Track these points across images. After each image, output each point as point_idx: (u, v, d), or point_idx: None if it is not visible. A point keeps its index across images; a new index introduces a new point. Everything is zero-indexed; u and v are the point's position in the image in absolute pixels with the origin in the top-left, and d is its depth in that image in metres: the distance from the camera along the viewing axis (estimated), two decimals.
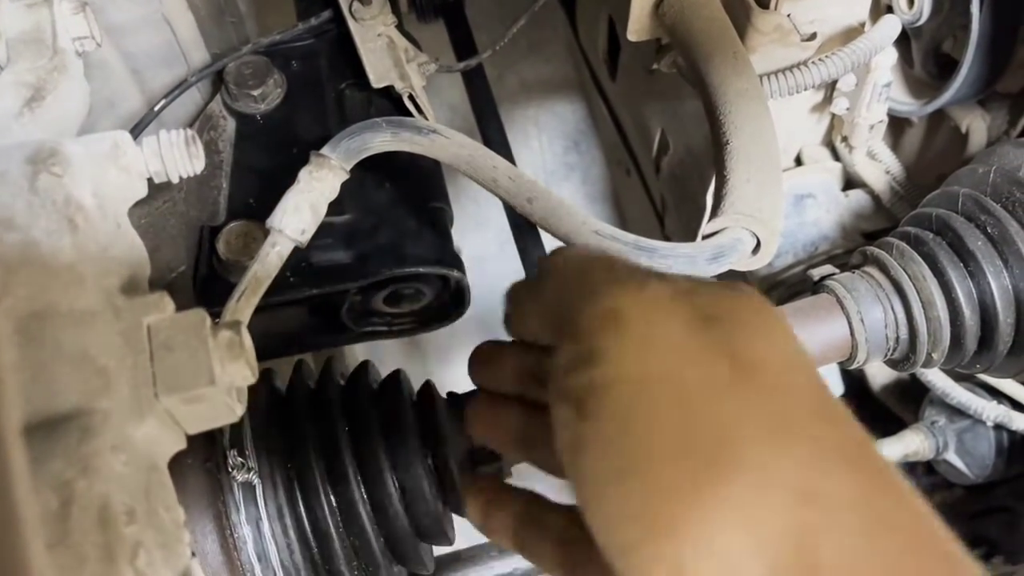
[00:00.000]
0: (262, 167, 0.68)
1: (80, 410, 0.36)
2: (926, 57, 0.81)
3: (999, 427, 0.88)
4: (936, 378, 0.87)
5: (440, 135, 0.52)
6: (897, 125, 0.90)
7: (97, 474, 0.34)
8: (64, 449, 0.34)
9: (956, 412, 0.90)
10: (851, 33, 0.72)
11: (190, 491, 0.53)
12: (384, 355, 1.12)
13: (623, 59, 1.01)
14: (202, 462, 0.54)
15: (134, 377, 0.38)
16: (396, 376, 0.60)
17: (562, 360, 0.32)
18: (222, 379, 0.38)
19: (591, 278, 0.34)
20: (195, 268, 0.65)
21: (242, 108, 0.70)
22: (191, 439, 0.42)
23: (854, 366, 0.63)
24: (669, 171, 0.93)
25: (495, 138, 0.78)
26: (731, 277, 0.60)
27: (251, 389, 0.43)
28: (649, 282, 0.33)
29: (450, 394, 0.58)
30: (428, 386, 0.59)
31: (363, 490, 0.55)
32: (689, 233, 0.92)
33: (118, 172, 0.43)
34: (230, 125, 0.71)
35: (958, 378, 0.88)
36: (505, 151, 0.78)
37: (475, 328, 0.72)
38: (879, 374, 1.04)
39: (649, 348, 0.31)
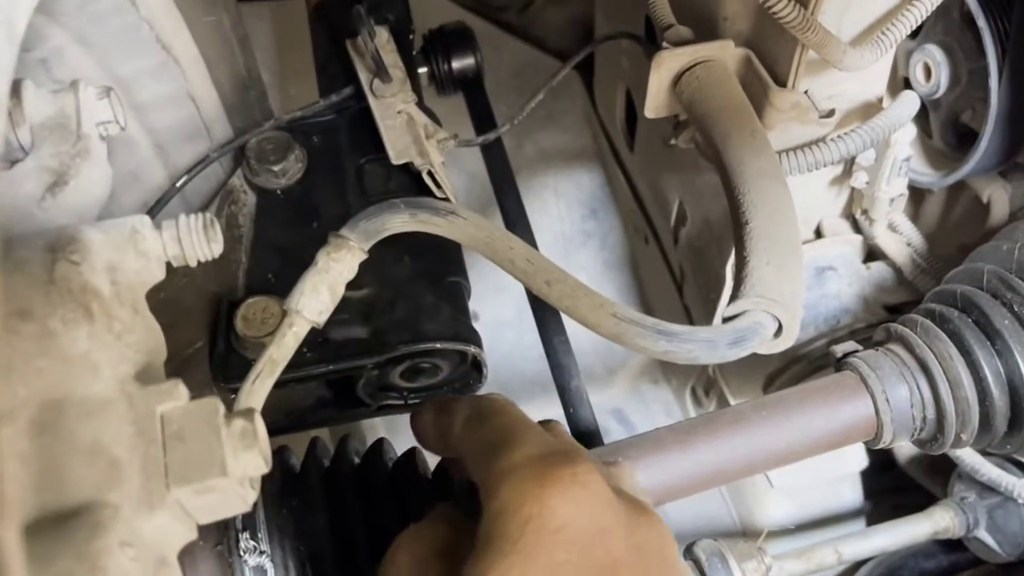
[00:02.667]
0: (282, 242, 0.69)
1: (91, 503, 0.35)
2: (945, 128, 0.81)
3: None
4: (965, 454, 0.85)
5: (458, 216, 0.52)
6: (916, 194, 0.90)
7: (105, 572, 0.33)
8: (72, 547, 0.33)
9: (986, 488, 0.88)
10: (869, 108, 0.72)
11: (201, 575, 0.52)
12: (399, 426, 1.11)
13: (640, 131, 1.02)
14: (213, 545, 0.53)
15: (145, 468, 0.37)
16: (412, 455, 0.59)
17: None
18: (235, 470, 0.38)
19: None
20: (212, 343, 0.65)
21: (263, 183, 0.71)
22: None
23: (880, 446, 0.61)
24: (687, 242, 0.93)
25: (513, 211, 0.78)
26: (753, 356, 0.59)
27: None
28: None
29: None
30: (442, 465, 0.58)
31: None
32: (707, 303, 0.91)
33: (136, 257, 0.43)
34: (251, 199, 0.71)
35: (988, 453, 0.86)
36: (523, 224, 0.78)
37: None
38: (906, 446, 1.02)
39: None
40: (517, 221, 0.78)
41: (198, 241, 0.44)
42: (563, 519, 0.38)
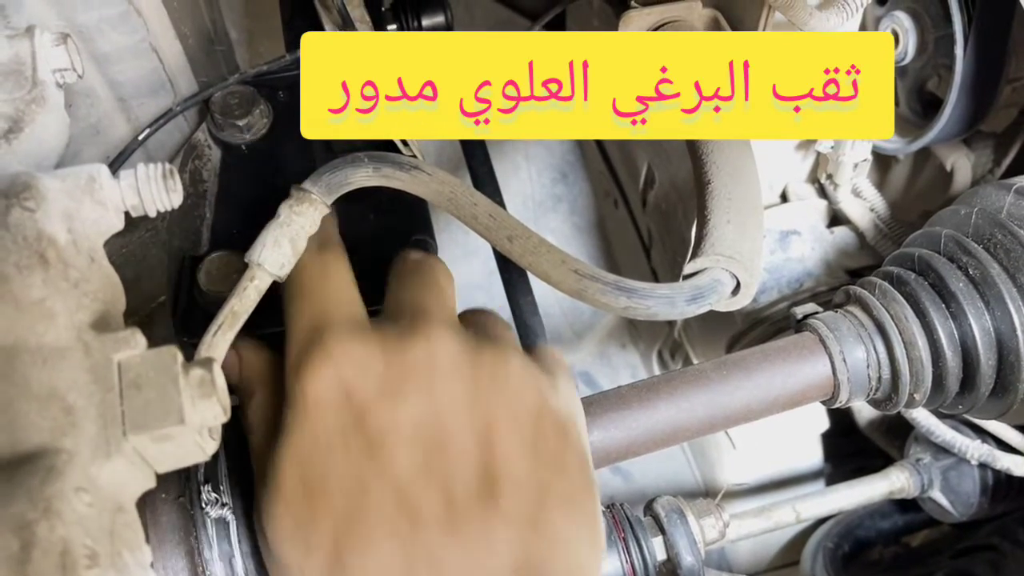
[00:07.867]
0: (247, 197, 0.68)
1: (45, 449, 0.35)
2: (911, 96, 0.82)
3: (983, 466, 0.88)
4: (920, 416, 0.87)
5: (421, 171, 0.52)
6: (883, 162, 0.90)
7: (60, 516, 0.33)
8: (27, 490, 0.33)
9: (941, 450, 0.90)
10: None
11: (162, 526, 0.52)
12: None
13: None
14: (175, 497, 0.53)
15: (102, 415, 0.37)
16: None
17: None
18: (192, 418, 0.38)
19: None
20: (175, 298, 0.64)
21: (227, 138, 0.70)
22: (165, 473, 0.41)
23: (836, 406, 0.63)
24: (655, 204, 0.94)
25: (480, 170, 0.78)
26: (715, 316, 0.60)
27: (227, 424, 0.43)
28: None
29: None
30: None
31: None
32: (675, 266, 0.92)
33: (94, 206, 0.42)
34: (215, 155, 0.71)
35: (942, 415, 0.88)
36: (491, 184, 0.78)
37: None
38: (865, 409, 1.04)
39: None
40: (486, 182, 0.78)
41: (157, 191, 0.44)
42: (313, 396, 0.43)
